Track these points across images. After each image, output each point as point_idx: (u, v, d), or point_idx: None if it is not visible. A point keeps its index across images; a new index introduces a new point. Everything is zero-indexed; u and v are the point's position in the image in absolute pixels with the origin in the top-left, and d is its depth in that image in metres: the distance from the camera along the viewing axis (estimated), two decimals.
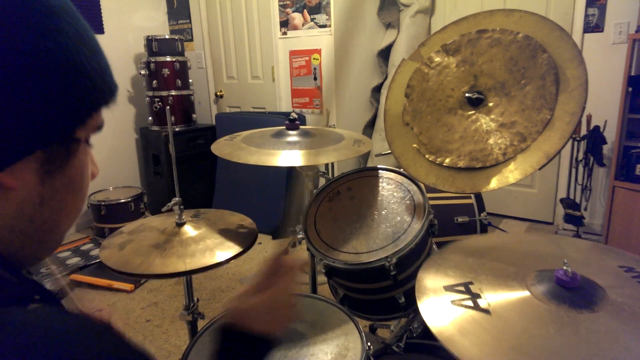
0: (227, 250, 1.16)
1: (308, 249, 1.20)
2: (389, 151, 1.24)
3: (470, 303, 0.77)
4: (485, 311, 0.75)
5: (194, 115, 3.73)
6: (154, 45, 3.44)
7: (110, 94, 0.45)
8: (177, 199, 1.27)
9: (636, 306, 0.74)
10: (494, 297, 0.79)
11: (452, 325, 0.72)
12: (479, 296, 0.79)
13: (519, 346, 0.67)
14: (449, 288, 0.83)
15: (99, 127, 0.46)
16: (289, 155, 1.30)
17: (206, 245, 1.18)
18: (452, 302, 0.78)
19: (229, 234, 1.25)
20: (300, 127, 1.46)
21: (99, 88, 0.43)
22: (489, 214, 1.71)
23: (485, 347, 0.67)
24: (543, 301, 0.76)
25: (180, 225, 1.26)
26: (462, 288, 0.82)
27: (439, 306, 0.78)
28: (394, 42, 3.44)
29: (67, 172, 0.42)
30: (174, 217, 1.28)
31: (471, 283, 0.84)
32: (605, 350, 0.65)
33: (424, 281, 0.86)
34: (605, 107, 2.74)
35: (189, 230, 1.25)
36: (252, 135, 1.50)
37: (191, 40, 4.02)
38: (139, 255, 1.14)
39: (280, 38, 3.44)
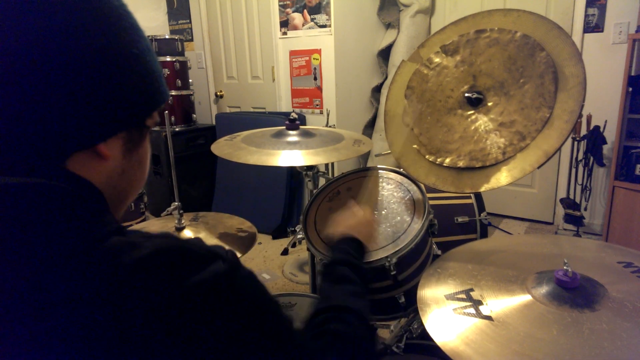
0: None
1: (308, 249, 1.20)
2: (389, 151, 1.24)
3: (472, 310, 0.77)
4: (488, 318, 0.75)
5: (194, 115, 3.73)
6: (154, 45, 3.44)
7: (164, 97, 0.54)
8: (176, 203, 1.27)
9: (637, 302, 0.74)
10: (495, 302, 0.79)
11: (456, 336, 0.72)
12: (480, 303, 0.79)
13: (522, 351, 0.67)
14: (450, 297, 0.83)
15: (156, 122, 0.55)
16: (289, 155, 1.30)
17: None
18: (454, 310, 0.78)
19: (228, 237, 1.25)
20: (300, 127, 1.46)
21: (161, 87, 0.53)
22: (489, 214, 1.71)
23: (489, 355, 0.67)
24: (544, 303, 0.76)
25: (179, 229, 1.26)
26: (463, 295, 0.82)
27: (442, 317, 0.78)
28: (394, 42, 3.44)
29: (140, 151, 0.53)
30: (173, 220, 1.28)
31: (472, 290, 0.83)
32: (609, 349, 0.65)
33: (425, 292, 0.86)
34: (605, 107, 2.74)
35: (188, 234, 1.25)
36: (252, 135, 1.50)
37: (191, 40, 4.02)
38: None
39: (280, 38, 3.44)
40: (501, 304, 0.78)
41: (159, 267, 0.40)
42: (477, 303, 0.79)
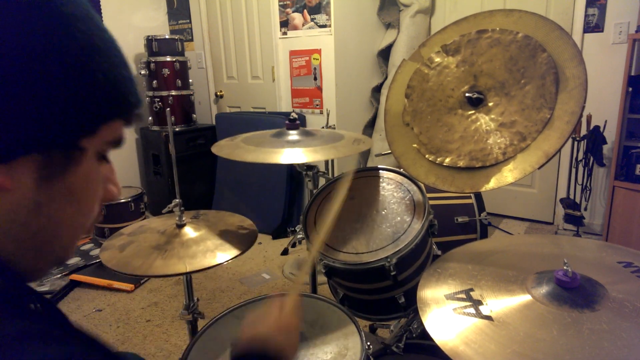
0: (228, 251, 1.17)
1: (308, 249, 1.20)
2: (389, 151, 1.24)
3: (472, 310, 0.77)
4: (488, 318, 0.75)
5: (194, 115, 3.73)
6: (154, 45, 3.44)
7: (129, 108, 0.44)
8: (177, 200, 1.27)
9: (637, 302, 0.74)
10: (495, 302, 0.79)
11: (456, 336, 0.72)
12: (480, 303, 0.79)
13: (522, 351, 0.67)
14: (450, 296, 0.83)
15: (115, 142, 0.44)
16: (289, 153, 1.30)
17: (207, 247, 1.18)
18: (454, 310, 0.78)
19: (229, 235, 1.25)
20: (300, 127, 1.46)
21: (112, 100, 0.42)
22: (489, 214, 1.71)
23: (489, 355, 0.67)
24: (544, 303, 0.76)
25: (180, 226, 1.26)
26: (463, 295, 0.82)
27: (442, 317, 0.78)
28: (394, 42, 3.44)
29: (67, 181, 0.40)
30: (173, 218, 1.28)
31: (472, 290, 0.83)
32: (609, 349, 0.65)
33: (425, 292, 0.86)
34: (605, 107, 2.74)
35: (189, 231, 1.25)
36: (252, 136, 1.50)
37: (191, 40, 4.02)
38: (140, 257, 1.14)
39: (280, 38, 3.44)
40: (501, 304, 0.78)
41: None
42: (477, 303, 0.79)
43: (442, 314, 0.78)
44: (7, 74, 0.34)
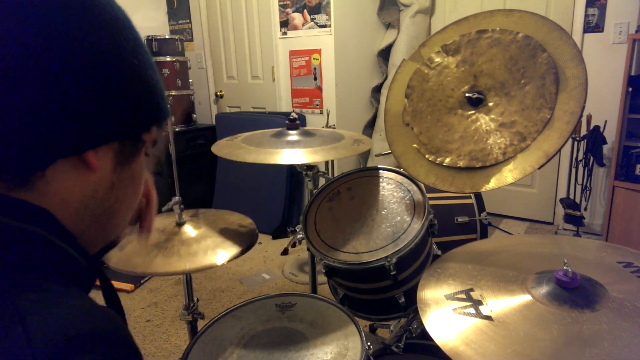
0: (228, 249, 1.17)
1: (308, 249, 1.20)
2: (389, 151, 1.24)
3: (472, 310, 0.77)
4: (488, 318, 0.75)
5: (194, 115, 3.73)
6: (154, 45, 3.44)
7: (165, 115, 0.52)
8: (177, 198, 1.27)
9: (637, 302, 0.74)
10: (495, 302, 0.79)
11: (455, 336, 0.72)
12: (480, 303, 0.79)
13: (522, 351, 0.67)
14: (450, 296, 0.83)
15: (154, 142, 0.52)
16: (289, 154, 1.30)
17: (207, 245, 1.18)
18: (454, 310, 0.78)
19: (229, 233, 1.25)
20: (301, 128, 1.46)
21: (160, 103, 0.50)
22: (489, 214, 1.71)
23: (489, 355, 0.67)
24: (544, 303, 0.76)
25: (180, 225, 1.26)
26: (463, 295, 0.82)
27: (442, 317, 0.78)
28: (394, 42, 3.44)
29: (132, 166, 0.49)
30: (173, 217, 1.28)
31: (472, 290, 0.83)
32: (609, 349, 0.65)
33: (425, 292, 0.86)
34: (605, 107, 2.74)
35: (189, 230, 1.25)
36: (252, 136, 1.50)
37: (191, 40, 4.02)
38: (140, 255, 1.14)
39: (280, 38, 3.44)
40: (501, 304, 0.78)
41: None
42: (477, 303, 0.79)
43: (442, 314, 0.78)
44: (96, 78, 0.42)
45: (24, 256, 0.37)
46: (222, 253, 1.15)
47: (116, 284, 2.57)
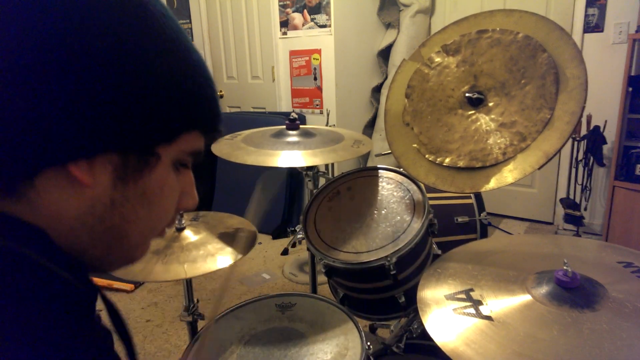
0: (228, 255, 1.16)
1: (308, 249, 1.20)
2: (389, 151, 1.24)
3: (472, 310, 0.77)
4: (488, 318, 0.75)
5: None
6: None
7: (208, 123, 0.46)
8: None
9: (637, 302, 0.74)
10: (495, 302, 0.79)
11: (456, 336, 0.72)
12: (480, 303, 0.79)
13: (522, 352, 0.67)
14: (450, 297, 0.83)
15: (194, 154, 0.46)
16: (288, 156, 1.30)
17: (207, 251, 1.18)
18: (454, 310, 0.78)
19: (229, 238, 1.24)
20: (301, 126, 1.46)
21: (191, 112, 0.43)
22: (489, 214, 1.71)
23: (490, 355, 0.67)
24: (544, 303, 0.76)
25: (180, 230, 1.25)
26: (463, 295, 0.82)
27: (442, 317, 0.78)
28: (394, 42, 3.44)
29: (141, 184, 0.42)
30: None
31: (472, 290, 0.83)
32: (609, 349, 0.65)
33: (425, 292, 0.86)
34: (605, 107, 2.74)
35: (189, 235, 1.24)
36: (252, 135, 1.50)
37: (191, 40, 4.02)
38: (140, 262, 1.13)
39: (280, 38, 3.44)
40: (501, 304, 0.78)
41: None
42: (477, 303, 0.79)
43: (442, 314, 0.78)
44: (91, 74, 0.36)
45: (11, 283, 0.34)
46: (222, 259, 1.14)
47: (116, 284, 2.57)
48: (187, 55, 0.43)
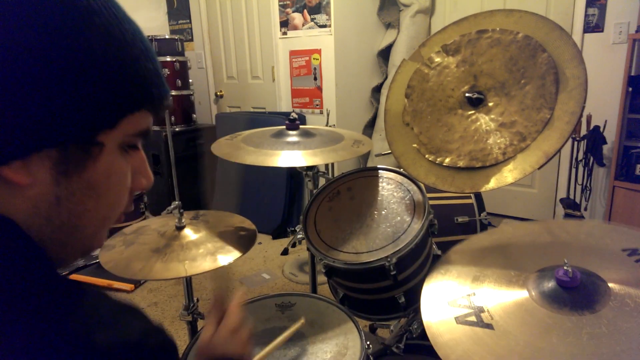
0: (228, 253, 1.16)
1: (308, 249, 1.20)
2: (389, 151, 1.24)
3: (474, 318, 0.77)
4: (489, 326, 0.75)
5: (194, 115, 3.73)
6: (154, 45, 3.44)
7: (152, 100, 0.43)
8: (177, 202, 1.27)
9: (639, 297, 0.74)
10: (496, 308, 0.79)
11: (458, 347, 0.72)
12: (482, 310, 0.79)
13: (523, 353, 0.67)
14: (451, 301, 0.83)
15: (142, 134, 0.44)
16: (288, 156, 1.30)
17: (207, 249, 1.18)
18: (456, 319, 0.78)
19: (229, 236, 1.24)
20: (301, 126, 1.46)
21: (132, 93, 0.40)
22: (489, 214, 1.71)
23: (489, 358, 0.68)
24: (544, 307, 0.76)
25: (180, 229, 1.25)
26: (465, 302, 0.82)
27: (444, 325, 0.78)
28: (394, 42, 3.44)
29: (86, 175, 0.40)
30: (173, 219, 1.28)
31: (473, 295, 0.83)
32: (608, 354, 0.65)
33: (425, 295, 0.86)
34: (605, 107, 2.74)
35: (189, 233, 1.24)
36: (252, 135, 1.50)
37: (191, 40, 4.02)
38: (140, 260, 1.13)
39: (280, 38, 3.44)
40: (502, 310, 0.78)
41: None
42: (478, 310, 0.79)
43: (445, 322, 0.78)
44: (20, 69, 0.34)
45: None
46: (221, 258, 1.14)
47: (116, 284, 2.57)
48: (115, 28, 0.39)
